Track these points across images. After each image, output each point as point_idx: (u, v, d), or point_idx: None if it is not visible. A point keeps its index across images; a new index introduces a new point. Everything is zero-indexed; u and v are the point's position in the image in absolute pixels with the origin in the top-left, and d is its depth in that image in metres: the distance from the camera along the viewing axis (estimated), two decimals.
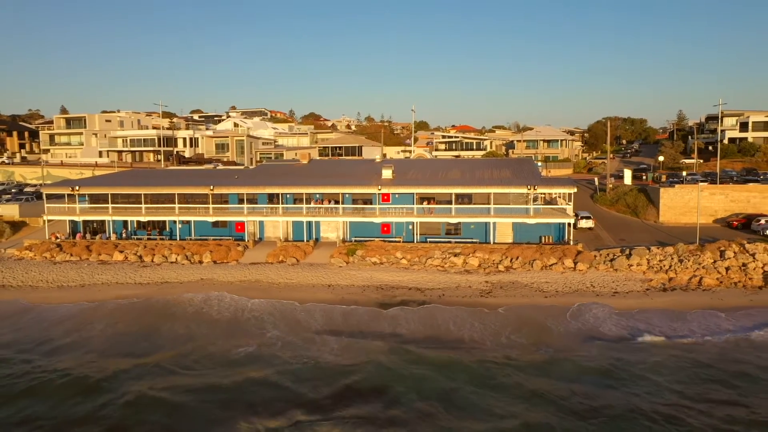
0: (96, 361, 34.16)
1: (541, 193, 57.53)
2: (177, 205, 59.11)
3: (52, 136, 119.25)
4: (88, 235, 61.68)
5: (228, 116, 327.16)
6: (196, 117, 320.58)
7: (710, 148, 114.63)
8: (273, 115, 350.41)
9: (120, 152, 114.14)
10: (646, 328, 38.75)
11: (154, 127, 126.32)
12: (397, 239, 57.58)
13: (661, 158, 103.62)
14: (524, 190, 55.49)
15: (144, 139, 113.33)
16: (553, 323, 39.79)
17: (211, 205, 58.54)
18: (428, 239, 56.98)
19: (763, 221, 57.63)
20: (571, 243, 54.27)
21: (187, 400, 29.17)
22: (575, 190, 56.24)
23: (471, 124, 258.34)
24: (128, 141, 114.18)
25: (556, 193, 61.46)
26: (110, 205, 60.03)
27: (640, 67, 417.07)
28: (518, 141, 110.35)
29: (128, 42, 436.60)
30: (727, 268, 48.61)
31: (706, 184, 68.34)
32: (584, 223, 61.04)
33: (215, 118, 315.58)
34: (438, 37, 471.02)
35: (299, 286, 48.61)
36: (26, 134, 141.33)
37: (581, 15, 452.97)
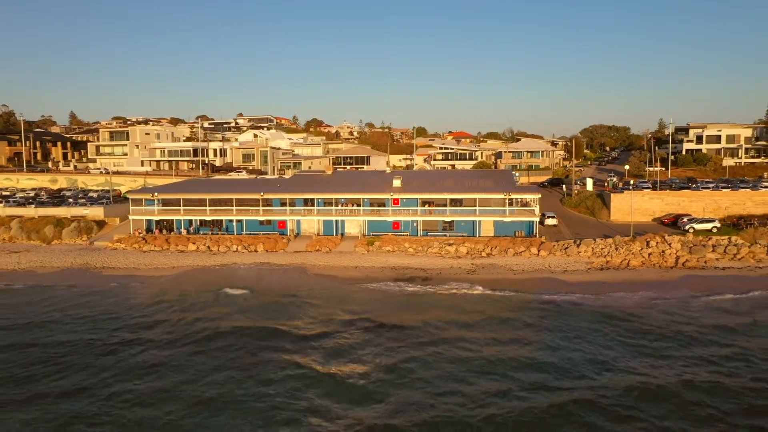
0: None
1: (515, 198, 74.61)
2: (234, 207, 76.28)
3: (98, 148, 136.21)
4: (164, 231, 78.72)
5: (236, 123, 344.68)
6: (206, 124, 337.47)
7: (673, 157, 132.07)
8: (278, 121, 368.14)
9: (158, 161, 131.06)
10: (578, 292, 56.02)
11: (187, 139, 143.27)
12: (404, 233, 74.78)
13: (627, 167, 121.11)
14: (502, 196, 72.88)
15: (180, 150, 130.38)
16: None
17: (261, 207, 75.77)
18: (429, 233, 74.21)
19: (685, 219, 75.07)
20: (537, 236, 71.63)
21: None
22: (539, 196, 73.75)
23: (467, 130, 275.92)
24: (166, 151, 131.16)
25: (529, 198, 78.67)
26: (182, 207, 77.20)
27: (638, 72, 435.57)
28: (505, 152, 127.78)
29: (133, 48, 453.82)
30: (650, 254, 66.01)
31: (648, 190, 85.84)
32: (550, 221, 78.41)
33: (224, 125, 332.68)
34: (437, 40, 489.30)
35: (334, 267, 65.77)
36: (68, 144, 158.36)
37: (580, 18, 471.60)
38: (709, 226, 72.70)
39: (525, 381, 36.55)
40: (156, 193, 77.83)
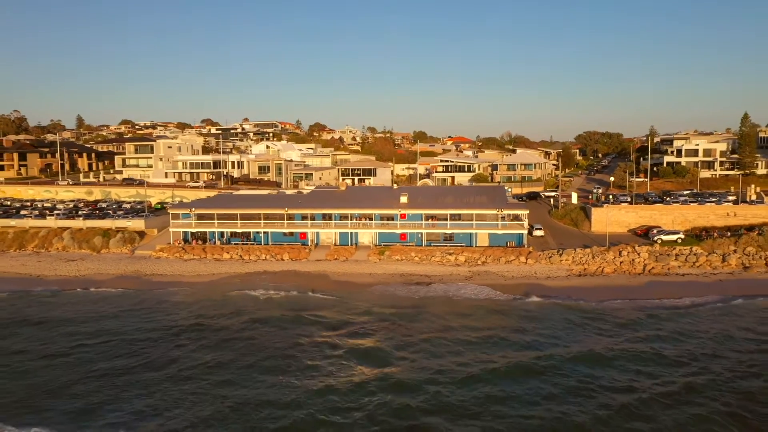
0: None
1: (507, 214, 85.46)
2: (262, 221, 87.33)
3: (124, 160, 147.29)
4: (198, 242, 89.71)
5: (242, 129, 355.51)
6: (213, 130, 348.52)
7: (655, 168, 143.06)
8: (283, 126, 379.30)
9: (180, 173, 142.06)
10: (556, 295, 67.12)
11: (204, 149, 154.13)
12: (411, 244, 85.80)
13: (611, 178, 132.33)
14: (495, 212, 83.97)
15: (201, 163, 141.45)
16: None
17: (285, 221, 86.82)
18: (432, 243, 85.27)
19: (655, 231, 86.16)
20: (526, 246, 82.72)
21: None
22: (528, 212, 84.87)
23: (466, 132, 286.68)
24: (187, 164, 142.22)
25: (519, 213, 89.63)
26: (216, 221, 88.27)
27: (637, 71, 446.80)
28: (501, 164, 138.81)
29: (136, 50, 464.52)
30: (621, 262, 77.14)
31: (626, 204, 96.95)
32: (537, 233, 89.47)
33: (232, 131, 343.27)
34: (437, 43, 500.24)
35: (352, 274, 76.81)
36: (93, 155, 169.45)
37: (580, 17, 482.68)
38: (674, 237, 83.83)
39: (503, 352, 49.69)
40: (193, 209, 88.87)
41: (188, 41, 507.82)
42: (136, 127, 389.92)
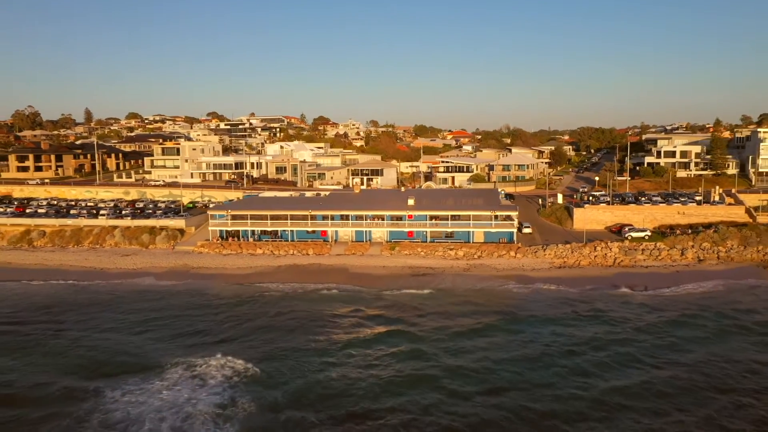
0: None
1: (499, 215, 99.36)
2: (289, 221, 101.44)
3: (153, 161, 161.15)
4: (231, 238, 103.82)
5: (250, 124, 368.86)
6: (222, 125, 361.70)
7: (638, 168, 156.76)
8: (288, 121, 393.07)
9: (204, 173, 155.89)
10: (539, 282, 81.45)
11: (224, 150, 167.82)
12: (417, 240, 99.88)
13: (596, 178, 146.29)
14: (489, 213, 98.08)
15: (223, 164, 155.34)
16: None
17: (309, 221, 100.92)
18: (435, 240, 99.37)
19: (626, 228, 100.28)
20: (515, 242, 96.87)
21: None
22: (517, 212, 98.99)
23: (466, 126, 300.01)
24: (211, 165, 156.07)
25: (511, 213, 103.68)
26: (249, 220, 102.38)
27: (637, 59, 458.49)
28: (497, 165, 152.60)
29: (140, 42, 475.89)
30: (595, 256, 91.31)
31: (604, 205, 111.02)
32: (526, 230, 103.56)
33: (240, 126, 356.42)
34: (437, 40, 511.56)
35: (368, 266, 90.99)
36: (120, 156, 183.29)
37: (582, 3, 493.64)
38: (642, 234, 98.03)
39: (495, 317, 64.57)
40: (229, 210, 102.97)
41: (189, 34, 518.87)
42: (146, 121, 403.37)
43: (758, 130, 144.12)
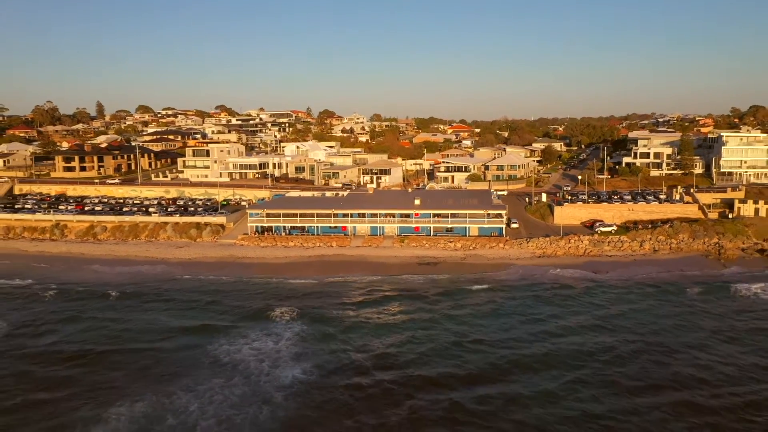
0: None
1: (491, 213, 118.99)
2: (315, 218, 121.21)
3: (185, 162, 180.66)
4: (265, 233, 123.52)
5: (260, 119, 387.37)
6: (234, 120, 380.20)
7: (617, 167, 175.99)
8: (296, 115, 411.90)
9: (231, 173, 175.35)
10: (522, 269, 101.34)
11: (248, 149, 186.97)
12: (422, 234, 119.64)
13: (579, 177, 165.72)
14: (482, 211, 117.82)
15: (249, 164, 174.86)
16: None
17: (332, 218, 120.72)
18: (437, 234, 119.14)
19: (597, 224, 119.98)
20: (504, 236, 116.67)
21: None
22: (506, 211, 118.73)
23: (466, 116, 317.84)
24: (237, 165, 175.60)
25: (501, 212, 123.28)
26: (281, 217, 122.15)
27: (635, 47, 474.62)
28: (491, 165, 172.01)
29: (153, 39, 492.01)
30: (569, 247, 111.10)
31: (581, 203, 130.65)
32: (514, 225, 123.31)
33: (250, 122, 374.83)
34: (438, 37, 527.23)
35: (382, 256, 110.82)
36: (152, 156, 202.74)
37: (580, 13, 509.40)
38: (610, 228, 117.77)
39: (487, 295, 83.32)
40: (264, 209, 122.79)
41: (190, 30, 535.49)
42: (158, 115, 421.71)
43: (721, 134, 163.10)
